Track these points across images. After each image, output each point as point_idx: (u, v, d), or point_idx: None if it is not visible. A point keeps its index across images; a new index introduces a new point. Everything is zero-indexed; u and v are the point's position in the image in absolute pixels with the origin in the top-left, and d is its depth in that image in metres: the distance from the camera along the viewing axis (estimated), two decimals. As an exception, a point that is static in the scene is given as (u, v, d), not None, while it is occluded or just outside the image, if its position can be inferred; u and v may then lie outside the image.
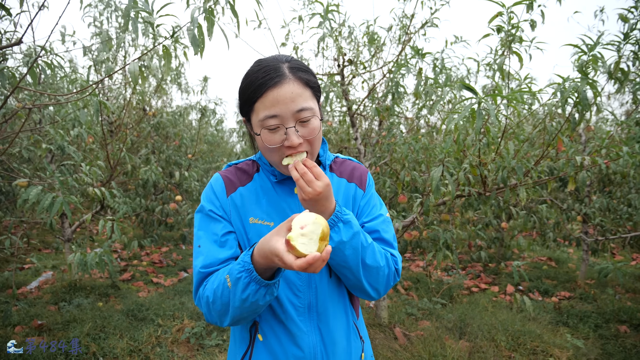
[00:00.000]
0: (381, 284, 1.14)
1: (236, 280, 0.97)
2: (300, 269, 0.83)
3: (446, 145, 2.70)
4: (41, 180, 3.16)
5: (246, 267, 0.96)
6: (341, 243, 1.04)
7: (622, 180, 4.70)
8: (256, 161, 1.24)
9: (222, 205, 1.16)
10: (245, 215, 1.15)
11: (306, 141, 1.08)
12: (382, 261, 1.12)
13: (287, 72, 1.05)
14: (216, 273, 1.07)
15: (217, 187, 1.18)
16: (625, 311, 4.03)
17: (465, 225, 5.11)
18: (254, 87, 1.05)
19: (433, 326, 3.68)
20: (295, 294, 1.13)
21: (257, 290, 0.96)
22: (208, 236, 1.13)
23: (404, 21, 3.82)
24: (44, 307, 3.88)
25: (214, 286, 1.04)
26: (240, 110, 1.16)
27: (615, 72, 2.93)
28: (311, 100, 1.08)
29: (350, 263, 1.07)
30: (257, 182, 1.20)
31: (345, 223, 1.05)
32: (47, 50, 2.58)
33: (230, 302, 1.00)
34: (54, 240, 6.55)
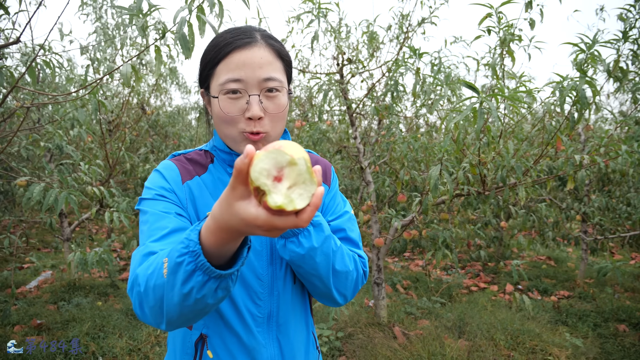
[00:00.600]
0: (349, 289, 1.02)
1: (175, 267, 0.69)
2: (306, 223, 0.59)
3: (445, 144, 2.70)
4: (40, 180, 3.16)
5: (191, 248, 0.68)
6: (312, 249, 0.91)
7: (621, 179, 4.70)
8: (209, 151, 1.07)
9: (175, 190, 0.96)
10: (202, 209, 0.97)
11: (269, 117, 0.94)
12: (350, 265, 1.01)
13: (259, 37, 0.95)
14: (156, 254, 0.81)
15: (169, 174, 0.98)
16: (624, 310, 4.03)
17: (465, 224, 5.12)
18: (219, 46, 0.93)
19: (432, 325, 3.68)
20: (254, 302, 0.98)
21: (205, 283, 0.69)
22: (158, 214, 0.91)
23: (402, 21, 3.82)
24: (43, 306, 3.88)
25: (148, 272, 0.76)
26: (200, 78, 1.01)
27: (614, 70, 2.93)
28: (281, 73, 0.97)
29: (320, 271, 0.94)
30: (213, 173, 1.03)
31: (316, 226, 0.92)
32: (46, 48, 2.58)
33: (165, 298, 0.73)
34: (53, 240, 6.55)
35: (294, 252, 0.92)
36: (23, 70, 2.82)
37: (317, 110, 4.33)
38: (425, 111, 4.46)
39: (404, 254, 6.50)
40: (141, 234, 0.90)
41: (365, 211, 3.89)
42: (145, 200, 0.94)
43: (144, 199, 0.95)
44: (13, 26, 2.36)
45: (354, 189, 5.58)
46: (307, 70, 4.11)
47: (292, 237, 0.91)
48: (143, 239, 0.88)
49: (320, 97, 3.75)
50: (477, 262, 5.97)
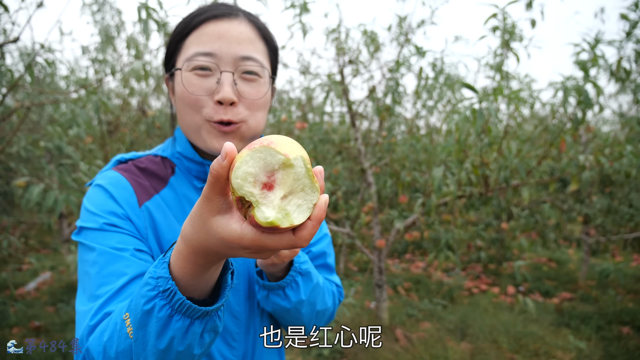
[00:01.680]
0: (323, 323, 0.92)
1: (144, 318, 0.52)
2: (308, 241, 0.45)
3: (447, 144, 2.68)
4: (39, 180, 3.13)
5: (161, 287, 0.51)
6: (299, 303, 0.79)
7: (625, 181, 4.68)
8: (168, 159, 0.84)
9: (129, 216, 0.72)
10: (166, 237, 0.76)
11: (245, 105, 0.75)
12: (329, 301, 0.90)
13: (242, 14, 0.79)
14: (109, 317, 0.62)
15: (119, 192, 0.74)
16: (627, 312, 4.01)
17: (466, 225, 5.09)
18: (191, 16, 0.77)
19: (434, 327, 3.65)
20: (228, 344, 0.82)
21: (188, 329, 0.52)
22: (110, 253, 0.68)
23: (401, 23, 3.81)
24: (42, 308, 3.85)
25: (104, 338, 0.59)
26: (165, 59, 0.82)
27: (617, 70, 2.92)
28: (264, 56, 0.79)
29: (304, 320, 0.83)
30: (176, 189, 0.80)
31: (304, 275, 0.79)
32: (46, 48, 2.56)
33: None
34: (52, 241, 6.52)
35: (278, 306, 0.78)
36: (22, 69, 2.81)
37: (318, 111, 4.31)
38: (426, 112, 4.45)
39: (405, 256, 6.47)
40: (86, 279, 0.67)
41: (366, 212, 3.87)
42: (89, 231, 0.70)
43: (87, 228, 0.70)
44: (12, 25, 2.34)
45: (355, 190, 5.56)
46: (308, 71, 4.09)
47: (278, 290, 0.76)
48: (90, 288, 0.65)
49: (321, 97, 3.74)
50: (478, 264, 5.94)
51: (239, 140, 0.77)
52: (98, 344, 0.59)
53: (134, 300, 0.54)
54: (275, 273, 0.77)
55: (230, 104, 0.73)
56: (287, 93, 5.59)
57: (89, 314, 0.63)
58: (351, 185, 5.69)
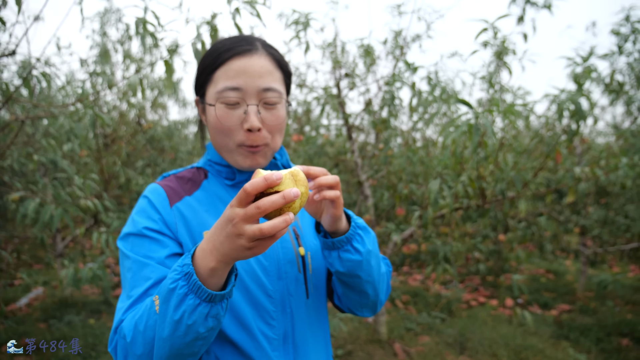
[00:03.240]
0: (385, 293, 1.01)
1: (168, 294, 0.69)
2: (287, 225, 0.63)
3: (444, 157, 2.68)
4: (33, 194, 3.10)
5: (184, 271, 0.69)
6: (368, 253, 0.87)
7: (620, 192, 4.70)
8: (202, 167, 1.02)
9: (163, 218, 0.90)
10: (198, 229, 0.90)
11: (267, 130, 0.91)
12: (383, 267, 1.00)
13: (260, 45, 0.92)
14: (142, 302, 0.80)
15: (156, 198, 0.92)
16: (626, 324, 3.99)
17: (464, 237, 5.08)
18: (218, 52, 0.90)
19: (433, 341, 3.62)
20: (267, 322, 0.90)
21: (196, 307, 0.67)
22: (142, 260, 0.84)
23: (397, 37, 3.84)
24: (34, 324, 3.78)
25: (136, 318, 0.75)
26: (195, 84, 0.96)
27: (611, 83, 2.95)
28: (281, 84, 0.94)
29: (374, 275, 0.91)
30: (207, 189, 0.97)
31: (363, 229, 0.88)
32: (43, 61, 2.56)
33: (156, 336, 0.71)
34: (45, 256, 6.44)
35: (351, 261, 0.86)
36: (18, 82, 2.80)
37: (314, 124, 4.32)
38: (422, 125, 4.47)
39: (403, 268, 6.44)
40: (124, 280, 0.86)
41: (363, 225, 3.85)
42: (131, 237, 0.88)
43: (129, 233, 0.88)
44: (9, 38, 2.34)
45: (352, 203, 5.55)
46: (304, 84, 4.11)
47: (346, 245, 0.86)
48: (127, 288, 0.84)
49: (318, 110, 3.75)
50: (476, 276, 5.92)
51: (262, 157, 0.94)
52: (130, 323, 0.76)
53: (163, 283, 0.71)
54: (339, 235, 0.88)
55: (257, 130, 0.89)
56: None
57: (122, 310, 0.81)
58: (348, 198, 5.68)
